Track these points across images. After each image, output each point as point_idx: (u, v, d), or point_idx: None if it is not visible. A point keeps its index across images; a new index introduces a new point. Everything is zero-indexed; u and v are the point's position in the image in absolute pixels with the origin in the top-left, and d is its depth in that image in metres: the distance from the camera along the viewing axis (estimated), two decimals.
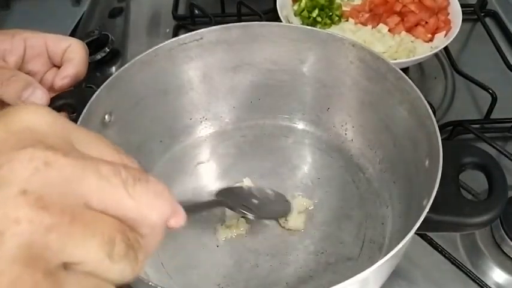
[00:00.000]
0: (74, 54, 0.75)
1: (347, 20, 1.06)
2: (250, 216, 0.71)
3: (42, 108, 0.32)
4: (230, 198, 0.73)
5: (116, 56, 1.09)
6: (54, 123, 0.32)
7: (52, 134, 0.31)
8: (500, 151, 0.84)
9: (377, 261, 0.51)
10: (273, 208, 0.76)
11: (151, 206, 0.33)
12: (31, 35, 0.75)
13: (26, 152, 0.29)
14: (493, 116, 0.94)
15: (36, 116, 0.32)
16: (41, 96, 0.69)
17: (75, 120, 0.65)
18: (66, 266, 0.30)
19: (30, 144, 0.29)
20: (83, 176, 0.30)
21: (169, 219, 0.35)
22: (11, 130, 0.31)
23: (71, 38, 0.78)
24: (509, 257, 0.74)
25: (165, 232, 0.35)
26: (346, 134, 0.85)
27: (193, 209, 0.67)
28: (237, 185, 0.80)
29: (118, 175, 0.32)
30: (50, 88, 0.74)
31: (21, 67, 0.75)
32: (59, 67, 0.76)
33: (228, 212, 0.74)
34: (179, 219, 0.36)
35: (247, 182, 0.80)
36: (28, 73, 0.74)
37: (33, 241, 0.28)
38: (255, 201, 0.74)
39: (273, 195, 0.77)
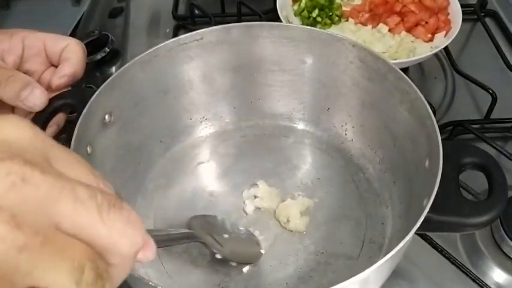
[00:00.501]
0: (72, 54, 0.75)
1: (347, 20, 1.06)
2: (218, 255, 0.68)
3: (23, 121, 0.31)
4: (202, 227, 0.70)
5: (116, 56, 1.09)
6: (35, 138, 0.31)
7: (31, 149, 0.30)
8: (500, 151, 0.84)
9: (377, 261, 0.51)
10: (243, 250, 0.72)
11: (123, 235, 0.32)
12: (29, 34, 0.75)
13: (4, 165, 0.28)
14: (493, 116, 0.94)
15: (16, 128, 0.31)
16: (39, 95, 0.69)
17: (75, 120, 0.65)
18: None
19: (8, 157, 0.28)
20: (58, 196, 0.29)
21: (138, 251, 0.34)
22: None
23: (69, 37, 0.78)
24: (509, 257, 0.74)
25: (132, 266, 0.34)
26: (346, 134, 0.85)
27: (165, 241, 0.63)
28: (245, 192, 0.79)
29: (94, 199, 0.31)
30: (48, 87, 0.74)
31: (19, 67, 0.75)
32: (56, 66, 0.76)
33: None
34: (149, 252, 0.35)
35: (261, 185, 0.79)
36: (26, 72, 0.74)
37: (3, 260, 0.27)
38: (225, 235, 0.71)
39: (244, 234, 0.74)
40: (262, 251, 0.73)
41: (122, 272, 0.33)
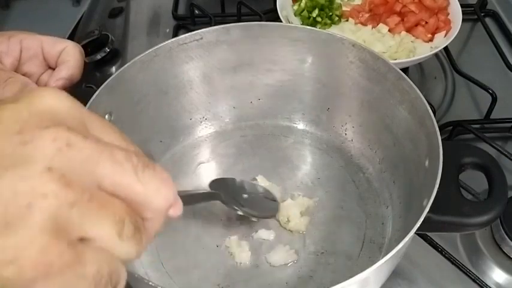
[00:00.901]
0: (69, 57, 0.75)
1: (347, 20, 1.06)
2: (240, 212, 0.73)
3: (61, 92, 0.34)
4: (223, 189, 0.74)
5: (116, 56, 1.09)
6: (73, 107, 0.34)
7: (71, 117, 0.33)
8: (500, 151, 0.84)
9: (377, 261, 0.51)
10: (262, 206, 0.76)
11: (157, 192, 0.35)
12: (27, 36, 0.75)
13: (50, 131, 0.31)
14: (493, 116, 0.94)
15: (56, 99, 0.33)
16: None
17: None
18: (81, 241, 0.32)
19: (52, 124, 0.31)
20: (99, 159, 0.32)
21: (170, 207, 0.37)
22: (34, 111, 0.32)
23: (66, 40, 0.78)
24: (509, 257, 0.74)
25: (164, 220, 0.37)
26: (346, 134, 0.85)
27: (189, 200, 0.68)
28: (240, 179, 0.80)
29: (130, 161, 0.34)
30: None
31: (17, 69, 0.75)
32: (54, 69, 0.76)
33: (235, 241, 0.74)
34: (177, 208, 0.39)
35: (260, 180, 0.80)
36: (24, 74, 0.74)
37: (58, 214, 0.30)
38: (245, 195, 0.75)
39: (262, 192, 0.77)
40: (279, 205, 0.76)
41: (156, 225, 0.36)
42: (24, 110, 0.32)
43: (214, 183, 0.76)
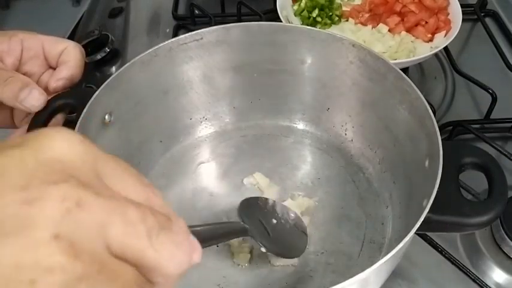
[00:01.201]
0: (70, 57, 0.75)
1: (347, 20, 1.06)
2: (263, 249, 0.67)
3: (74, 135, 0.31)
4: (252, 210, 0.71)
5: (116, 56, 1.09)
6: (86, 153, 0.30)
7: (83, 167, 0.30)
8: (500, 151, 0.84)
9: (377, 261, 0.51)
10: (290, 239, 0.72)
11: (171, 259, 0.32)
12: (28, 36, 0.75)
13: (59, 189, 0.27)
14: (493, 116, 0.94)
15: (67, 144, 0.30)
16: (38, 96, 0.69)
17: (75, 120, 0.65)
18: None
19: (62, 179, 0.28)
20: (110, 220, 0.29)
21: (184, 272, 0.34)
22: (42, 159, 0.29)
23: (67, 40, 0.78)
24: (509, 257, 0.74)
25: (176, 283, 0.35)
26: (346, 134, 0.85)
27: (211, 239, 0.59)
28: (247, 180, 0.81)
29: (144, 222, 0.30)
30: (46, 90, 0.74)
31: (18, 68, 0.75)
32: (55, 69, 0.76)
33: (235, 241, 0.73)
34: (196, 256, 0.35)
35: (257, 177, 0.80)
36: (25, 74, 0.74)
37: None
38: (274, 220, 0.71)
39: (293, 219, 0.73)
40: (307, 239, 0.73)
41: None
42: (30, 158, 0.28)
43: (245, 202, 0.74)
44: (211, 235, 0.58)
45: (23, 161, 0.28)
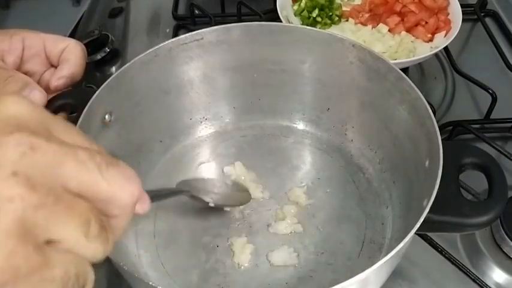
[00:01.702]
0: (71, 55, 0.76)
1: (347, 20, 1.06)
2: (211, 204, 0.74)
3: (23, 98, 0.35)
4: (191, 187, 0.74)
5: (116, 56, 1.09)
6: (34, 111, 0.34)
7: (34, 121, 0.34)
8: (500, 151, 0.84)
9: (377, 261, 0.51)
10: (233, 196, 0.77)
11: (123, 188, 0.36)
12: (29, 35, 0.76)
13: (14, 137, 0.31)
14: (493, 116, 0.94)
15: (19, 104, 0.34)
16: (38, 96, 0.69)
17: (75, 121, 0.65)
18: (48, 243, 0.32)
19: (16, 129, 0.32)
20: (63, 160, 0.33)
21: (136, 202, 0.37)
22: None
23: (68, 38, 0.78)
24: (509, 257, 0.74)
25: (131, 217, 0.38)
26: (346, 134, 0.84)
27: (157, 196, 0.67)
28: (227, 168, 0.82)
29: (93, 159, 0.34)
30: (47, 88, 0.74)
31: (19, 67, 0.75)
32: (56, 67, 0.76)
33: (235, 241, 0.74)
34: (144, 205, 0.39)
35: (238, 166, 0.81)
36: (26, 73, 0.74)
37: (24, 218, 0.30)
38: (215, 190, 0.76)
39: (232, 185, 0.79)
40: (251, 195, 0.78)
41: (122, 222, 0.37)
42: None
43: (182, 182, 0.76)
44: (157, 194, 0.66)
45: None
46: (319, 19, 1.04)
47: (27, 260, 0.30)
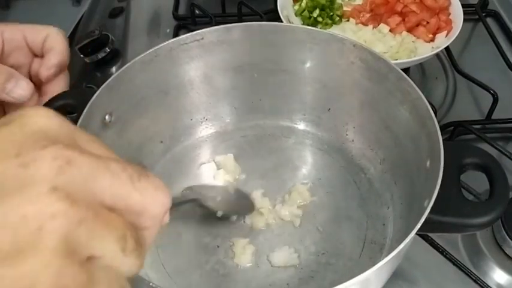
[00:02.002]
0: (55, 43, 0.75)
1: (348, 20, 1.06)
2: (219, 213, 0.74)
3: (49, 111, 0.34)
4: (201, 196, 0.74)
5: (116, 56, 1.09)
6: (62, 125, 0.34)
7: (63, 134, 0.33)
8: (501, 151, 0.84)
9: (378, 261, 0.51)
10: (237, 204, 0.78)
11: (154, 198, 0.35)
12: (7, 27, 0.75)
13: (49, 151, 0.31)
14: (494, 116, 0.94)
15: (46, 118, 0.33)
16: (25, 86, 0.69)
17: (75, 121, 0.65)
18: (89, 260, 0.32)
19: (50, 143, 0.31)
20: (97, 173, 0.32)
21: (166, 212, 0.37)
22: (28, 132, 0.32)
23: (48, 26, 0.77)
24: (510, 257, 0.74)
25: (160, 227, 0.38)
26: (347, 134, 0.84)
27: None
28: (218, 157, 0.83)
29: (125, 171, 0.34)
30: (38, 80, 0.74)
31: (3, 61, 0.74)
32: (40, 57, 0.76)
33: (236, 241, 0.74)
34: (167, 216, 0.39)
35: (229, 157, 0.83)
36: (12, 67, 0.73)
37: (68, 235, 0.30)
38: (218, 198, 0.76)
39: (234, 193, 0.79)
40: (255, 203, 0.77)
41: (152, 233, 0.37)
42: (18, 132, 0.32)
43: (187, 191, 0.76)
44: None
45: (12, 134, 0.32)
46: (320, 19, 1.04)
47: (74, 279, 0.30)
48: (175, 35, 1.14)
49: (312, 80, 0.84)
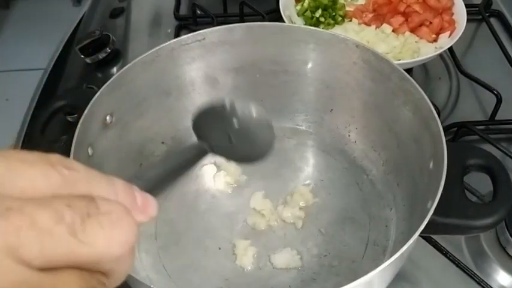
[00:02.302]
0: None
1: (350, 20, 1.05)
2: (228, 160, 0.66)
3: None
4: (207, 122, 0.64)
5: (117, 57, 1.09)
6: None
7: None
8: (505, 152, 0.83)
9: (381, 263, 0.51)
10: (255, 138, 0.65)
11: (109, 242, 0.28)
12: None
13: None
14: (498, 117, 0.93)
15: None
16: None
17: (76, 121, 0.64)
18: None
19: None
20: (19, 240, 0.25)
21: (133, 244, 0.30)
22: None
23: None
24: None
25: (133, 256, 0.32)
26: (349, 135, 0.84)
27: (169, 177, 0.55)
28: (219, 159, 0.79)
29: (61, 221, 0.27)
30: None
31: None
32: None
33: (238, 243, 0.73)
34: (150, 210, 0.34)
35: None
36: None
37: None
38: (235, 124, 0.64)
39: (256, 118, 0.66)
40: (274, 136, 0.65)
41: (124, 267, 0.31)
42: None
43: (198, 117, 0.65)
44: (166, 174, 0.54)
45: None
46: (322, 19, 1.03)
47: None
48: (177, 35, 1.13)
49: (314, 80, 0.84)
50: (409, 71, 0.95)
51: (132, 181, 0.34)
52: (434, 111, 0.65)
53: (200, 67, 0.82)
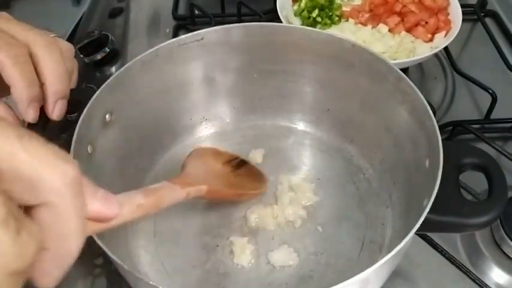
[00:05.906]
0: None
1: (347, 20, 1.06)
2: None
3: None
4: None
5: (116, 56, 1.09)
6: None
7: None
8: (500, 151, 0.84)
9: (377, 261, 0.51)
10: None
11: (51, 165, 0.28)
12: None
13: None
14: (493, 116, 0.94)
15: None
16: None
17: (76, 120, 0.65)
18: None
19: None
20: None
21: (77, 189, 0.29)
22: None
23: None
24: (509, 257, 0.74)
25: (86, 225, 0.30)
26: (346, 134, 0.84)
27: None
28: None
29: (14, 130, 0.27)
30: None
31: None
32: None
33: (235, 241, 0.74)
34: (111, 206, 0.32)
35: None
36: None
37: None
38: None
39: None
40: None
41: (62, 215, 0.28)
42: None
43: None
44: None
45: None
46: (319, 19, 1.04)
47: None
48: (175, 35, 1.14)
49: (311, 80, 0.84)
50: (405, 70, 0.96)
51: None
52: (430, 110, 0.65)
53: (198, 67, 0.82)
